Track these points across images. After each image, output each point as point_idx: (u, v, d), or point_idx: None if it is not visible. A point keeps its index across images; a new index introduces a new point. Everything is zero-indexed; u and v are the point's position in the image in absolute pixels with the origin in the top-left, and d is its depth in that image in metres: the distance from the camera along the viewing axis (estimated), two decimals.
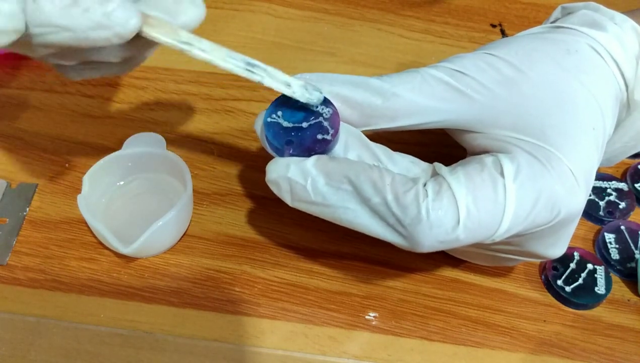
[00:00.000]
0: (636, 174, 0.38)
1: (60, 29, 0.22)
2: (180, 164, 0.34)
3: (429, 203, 0.25)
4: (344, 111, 0.28)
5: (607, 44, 0.29)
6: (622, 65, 0.29)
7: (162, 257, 0.34)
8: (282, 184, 0.26)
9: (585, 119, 0.27)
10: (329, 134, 0.26)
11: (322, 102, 0.27)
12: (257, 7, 0.48)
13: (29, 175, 0.37)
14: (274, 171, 0.26)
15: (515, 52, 0.29)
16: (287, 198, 0.27)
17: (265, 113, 0.27)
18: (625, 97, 0.30)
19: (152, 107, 0.41)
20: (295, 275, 0.34)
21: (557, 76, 0.28)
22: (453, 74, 0.28)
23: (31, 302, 0.32)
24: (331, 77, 0.28)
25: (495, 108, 0.28)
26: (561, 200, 0.26)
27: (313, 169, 0.26)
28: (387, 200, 0.25)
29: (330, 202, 0.26)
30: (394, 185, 0.25)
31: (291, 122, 0.27)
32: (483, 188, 0.25)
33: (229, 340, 0.31)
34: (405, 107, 0.28)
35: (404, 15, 0.48)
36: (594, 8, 0.31)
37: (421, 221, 0.25)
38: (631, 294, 0.34)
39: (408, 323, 0.32)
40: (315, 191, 0.26)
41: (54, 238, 0.34)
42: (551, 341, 0.32)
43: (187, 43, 0.25)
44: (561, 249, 0.29)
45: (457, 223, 0.25)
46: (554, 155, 0.26)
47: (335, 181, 0.26)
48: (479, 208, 0.25)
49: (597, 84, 0.28)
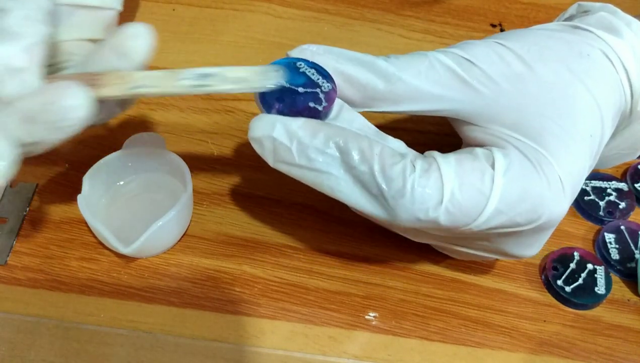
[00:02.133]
0: (636, 174, 0.38)
1: None
2: (180, 164, 0.34)
3: (415, 179, 0.25)
4: (347, 90, 0.28)
5: (621, 51, 0.29)
6: (631, 75, 0.29)
7: (162, 257, 0.34)
8: (266, 143, 0.26)
9: (584, 126, 0.27)
10: (320, 105, 0.26)
11: (324, 77, 0.27)
12: (257, 7, 0.48)
13: (29, 175, 0.37)
14: (259, 128, 0.26)
15: (528, 48, 0.29)
16: (270, 158, 0.26)
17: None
18: (628, 107, 0.30)
19: (152, 107, 0.41)
20: (295, 275, 0.34)
21: (564, 78, 0.28)
22: (462, 62, 0.28)
23: (31, 302, 0.32)
24: (338, 52, 0.28)
25: (498, 103, 0.28)
26: (545, 205, 0.26)
27: (299, 131, 0.25)
28: (373, 170, 0.25)
29: (314, 166, 0.26)
30: (383, 155, 0.25)
31: (289, 83, 0.27)
32: (471, 176, 0.25)
33: (229, 340, 0.31)
34: (408, 93, 0.28)
35: (404, 15, 0.48)
36: (611, 11, 0.31)
37: (404, 195, 0.25)
38: (631, 294, 0.34)
39: (408, 323, 0.32)
40: (299, 153, 0.25)
41: (54, 238, 0.34)
42: (551, 341, 0.32)
43: (135, 87, 0.25)
44: (534, 251, 0.30)
45: (439, 204, 0.25)
46: (547, 159, 0.26)
47: (322, 145, 0.25)
48: (463, 194, 0.25)
49: (602, 91, 0.28)
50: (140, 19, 0.46)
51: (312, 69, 0.27)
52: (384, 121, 0.40)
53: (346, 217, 0.35)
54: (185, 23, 0.46)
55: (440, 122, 0.30)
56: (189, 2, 0.48)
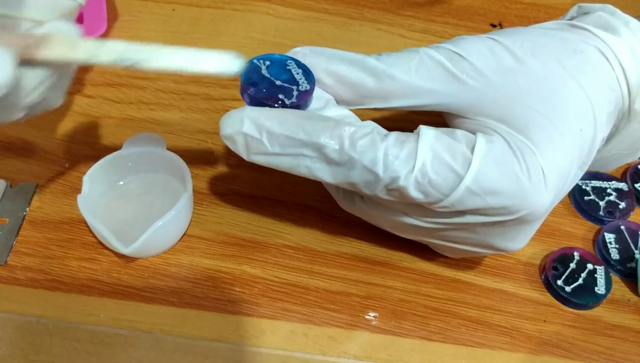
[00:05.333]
0: (636, 173, 0.38)
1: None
2: (180, 164, 0.34)
3: (387, 148, 0.25)
4: (339, 90, 0.29)
5: (617, 48, 0.29)
6: (628, 72, 0.29)
7: (162, 257, 0.34)
8: (238, 139, 0.27)
9: (574, 120, 0.27)
10: (289, 100, 0.27)
11: (307, 78, 0.28)
12: (257, 7, 0.48)
13: (29, 175, 0.37)
14: (228, 126, 0.27)
15: (521, 43, 0.29)
16: (244, 153, 0.27)
17: (258, 56, 0.29)
18: (626, 105, 0.30)
19: (152, 107, 0.41)
20: (295, 275, 0.34)
21: (555, 73, 0.28)
22: (452, 57, 0.29)
23: (31, 302, 0.32)
24: (330, 52, 0.29)
25: (487, 96, 0.28)
26: (524, 195, 0.26)
27: (267, 121, 0.26)
28: (344, 146, 0.26)
29: (288, 151, 0.26)
30: (351, 132, 0.26)
31: (269, 74, 0.28)
32: (445, 152, 0.26)
33: (229, 340, 0.31)
34: (398, 89, 0.28)
35: (404, 15, 0.48)
36: (610, 11, 0.31)
37: (377, 164, 0.25)
38: (631, 294, 0.34)
39: (408, 323, 0.32)
40: (271, 142, 0.26)
41: (54, 238, 0.34)
42: (551, 341, 0.32)
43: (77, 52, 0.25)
44: (520, 244, 0.29)
45: (410, 173, 0.25)
46: (530, 150, 0.26)
47: (290, 131, 0.26)
48: (434, 167, 0.25)
49: (595, 87, 0.28)
50: (141, 18, 0.46)
51: (299, 69, 0.28)
52: (382, 120, 0.40)
53: (346, 217, 0.35)
54: (185, 23, 0.46)
55: (438, 121, 0.30)
56: (189, 2, 0.48)
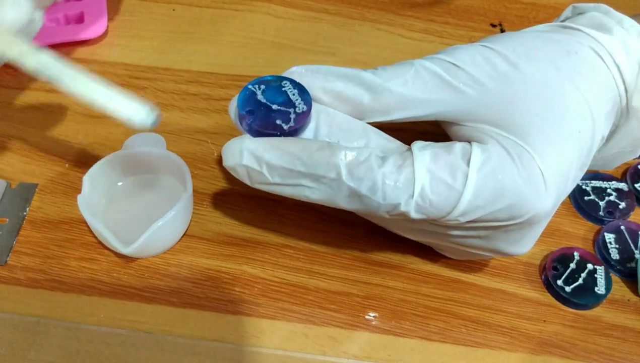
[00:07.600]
0: (636, 173, 0.38)
1: None
2: (180, 164, 0.34)
3: (385, 175, 0.26)
4: (337, 106, 0.29)
5: (611, 47, 0.29)
6: (623, 70, 0.29)
7: (162, 257, 0.34)
8: (239, 170, 0.27)
9: (572, 122, 0.27)
10: (287, 125, 0.27)
11: (303, 98, 0.28)
12: (257, 7, 0.48)
13: (29, 175, 0.37)
14: (229, 158, 0.27)
15: (514, 48, 0.29)
16: (247, 182, 0.28)
17: (253, 80, 0.29)
18: (624, 103, 0.30)
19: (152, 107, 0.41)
20: (295, 275, 0.34)
21: (550, 76, 0.28)
22: (448, 67, 0.29)
23: (31, 302, 0.32)
24: (326, 70, 0.29)
25: (483, 103, 0.28)
26: (525, 199, 0.26)
27: (265, 154, 0.27)
28: (341, 176, 0.26)
29: (288, 182, 0.27)
30: (348, 160, 0.26)
31: (265, 99, 0.28)
32: (442, 172, 0.26)
33: (229, 340, 0.31)
34: (396, 102, 0.28)
35: (404, 15, 0.48)
36: (603, 10, 0.31)
37: (376, 192, 0.26)
38: (631, 294, 0.34)
39: (408, 323, 0.32)
40: (271, 174, 0.27)
41: (54, 238, 0.34)
42: (551, 341, 0.32)
43: None
44: (525, 248, 0.30)
45: (410, 198, 0.26)
46: (528, 154, 0.26)
47: (289, 164, 0.26)
48: (433, 189, 0.26)
49: (592, 87, 0.28)
50: (141, 18, 0.46)
51: (295, 89, 0.28)
52: (385, 122, 0.40)
53: (346, 217, 0.35)
54: (185, 23, 0.46)
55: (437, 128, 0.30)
56: (189, 2, 0.48)
